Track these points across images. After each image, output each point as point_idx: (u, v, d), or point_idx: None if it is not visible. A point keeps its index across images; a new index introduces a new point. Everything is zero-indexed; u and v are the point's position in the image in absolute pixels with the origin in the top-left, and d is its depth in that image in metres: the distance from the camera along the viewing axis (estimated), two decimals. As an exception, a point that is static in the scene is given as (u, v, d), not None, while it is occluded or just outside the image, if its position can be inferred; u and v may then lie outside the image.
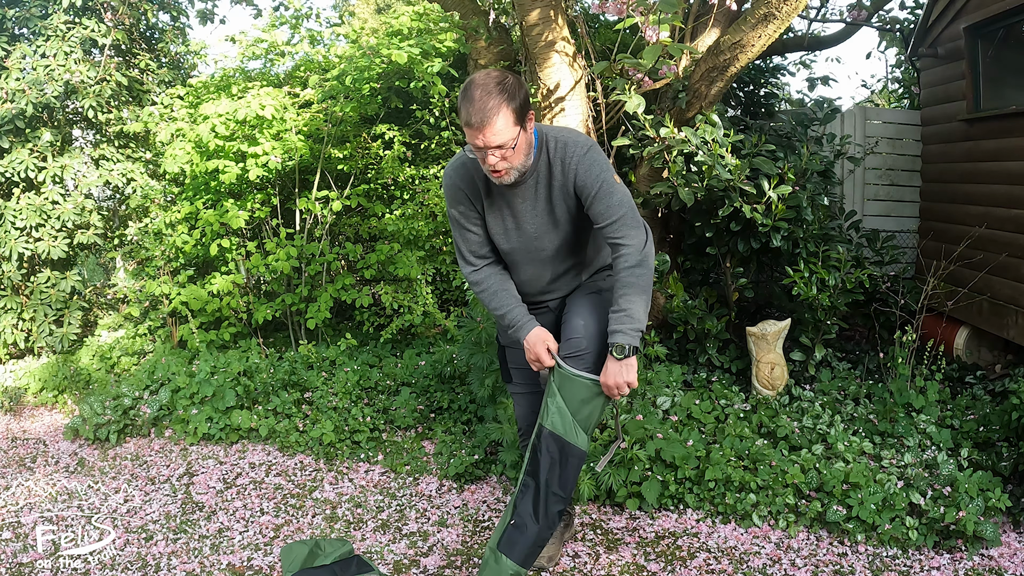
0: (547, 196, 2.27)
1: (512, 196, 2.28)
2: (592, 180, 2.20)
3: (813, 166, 3.90)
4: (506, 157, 2.11)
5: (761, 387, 3.78)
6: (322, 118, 4.47)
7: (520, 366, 2.54)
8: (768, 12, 3.26)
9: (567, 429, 2.26)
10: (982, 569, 2.58)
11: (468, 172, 2.29)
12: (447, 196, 2.36)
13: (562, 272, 2.43)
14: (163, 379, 4.14)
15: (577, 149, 2.23)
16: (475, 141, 2.07)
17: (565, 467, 2.27)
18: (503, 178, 2.16)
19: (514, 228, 2.32)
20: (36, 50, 4.87)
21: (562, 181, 2.24)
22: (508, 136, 2.06)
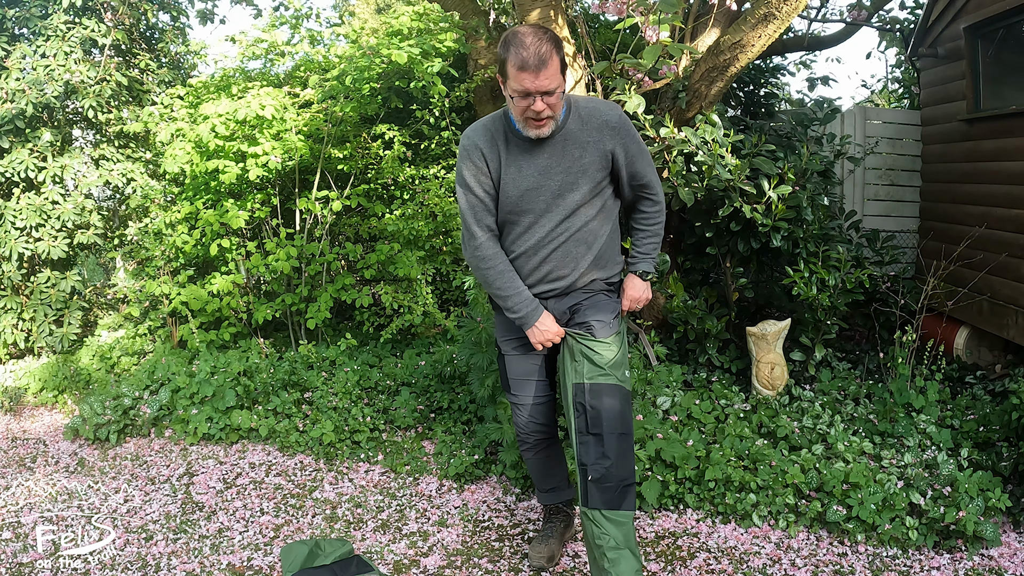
0: (576, 154, 2.27)
1: (537, 152, 2.26)
2: (632, 141, 2.32)
3: (813, 166, 3.90)
4: (551, 105, 2.12)
5: (761, 387, 3.78)
6: (322, 118, 4.47)
7: (521, 377, 2.53)
8: (768, 12, 3.26)
9: (605, 374, 2.28)
10: (982, 569, 2.58)
11: (489, 131, 2.29)
12: (461, 156, 2.32)
13: (572, 244, 2.34)
14: (163, 379, 4.14)
15: (612, 111, 2.31)
16: (527, 85, 2.07)
17: (617, 407, 2.25)
18: (543, 129, 2.16)
19: (533, 186, 2.28)
20: (36, 50, 4.87)
21: (596, 139, 2.27)
22: (558, 82, 2.10)
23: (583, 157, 2.27)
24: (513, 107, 2.18)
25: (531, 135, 2.19)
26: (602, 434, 2.22)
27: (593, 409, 2.24)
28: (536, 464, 2.68)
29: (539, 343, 2.37)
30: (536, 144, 2.26)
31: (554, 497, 2.75)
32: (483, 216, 2.33)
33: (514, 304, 2.34)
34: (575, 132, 2.27)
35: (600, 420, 2.23)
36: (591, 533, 2.23)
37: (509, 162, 2.28)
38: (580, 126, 2.28)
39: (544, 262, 2.37)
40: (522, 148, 2.27)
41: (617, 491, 2.20)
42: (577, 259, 2.37)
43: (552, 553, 2.65)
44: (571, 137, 2.27)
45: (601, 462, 2.20)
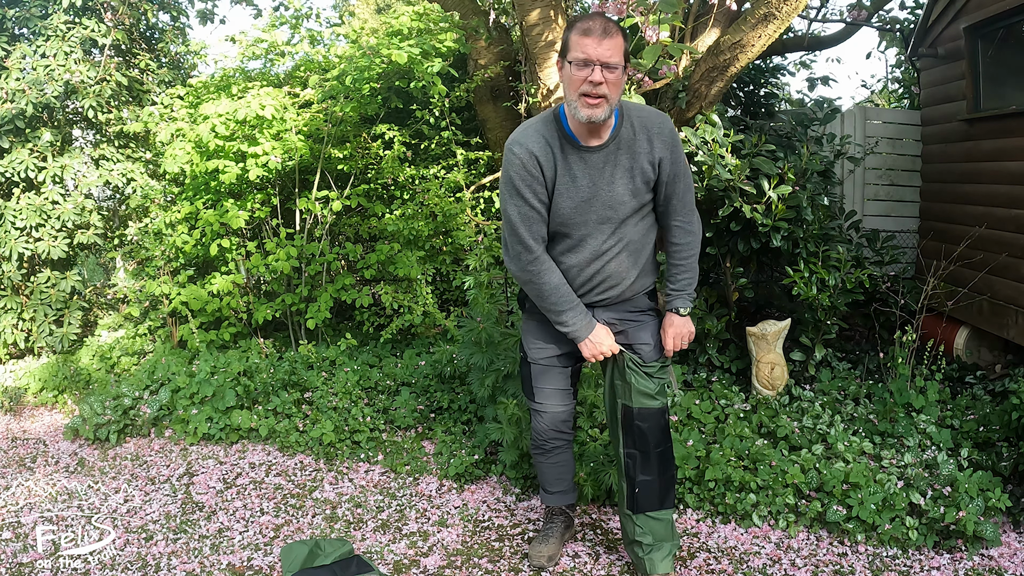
0: (628, 165, 2.22)
1: (591, 160, 2.20)
2: (678, 158, 2.27)
3: (813, 166, 3.90)
4: (610, 81, 2.06)
5: (761, 387, 3.78)
6: (322, 118, 4.47)
7: (548, 387, 2.52)
8: (768, 12, 3.26)
9: (652, 399, 2.39)
10: (982, 569, 2.58)
11: (543, 137, 2.20)
12: (512, 164, 2.19)
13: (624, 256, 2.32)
14: (163, 379, 4.14)
15: (665, 123, 2.25)
16: (588, 51, 2.03)
17: (660, 425, 2.41)
18: (596, 110, 2.08)
19: (588, 197, 2.21)
20: (36, 50, 4.87)
21: (647, 149, 2.22)
22: (620, 60, 2.06)
23: (634, 167, 2.22)
24: (569, 86, 2.10)
25: (583, 116, 2.08)
26: (648, 451, 2.42)
27: (641, 431, 2.41)
28: (548, 468, 2.68)
29: (593, 356, 2.36)
30: (589, 152, 2.19)
31: (559, 500, 2.75)
32: (538, 228, 2.25)
33: (569, 319, 2.30)
34: (627, 141, 2.22)
35: (647, 440, 2.41)
36: (631, 531, 2.48)
37: (563, 171, 2.20)
38: (632, 135, 2.22)
39: (596, 274, 2.33)
40: (576, 157, 2.20)
41: (659, 496, 2.43)
42: (627, 270, 2.35)
43: (552, 553, 2.65)
44: (623, 146, 2.21)
45: (646, 476, 2.42)
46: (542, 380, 2.52)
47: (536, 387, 2.54)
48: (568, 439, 2.65)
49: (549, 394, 2.53)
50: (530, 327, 2.51)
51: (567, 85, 2.12)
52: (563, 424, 2.59)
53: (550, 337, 2.46)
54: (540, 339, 2.48)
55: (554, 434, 2.59)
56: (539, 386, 2.53)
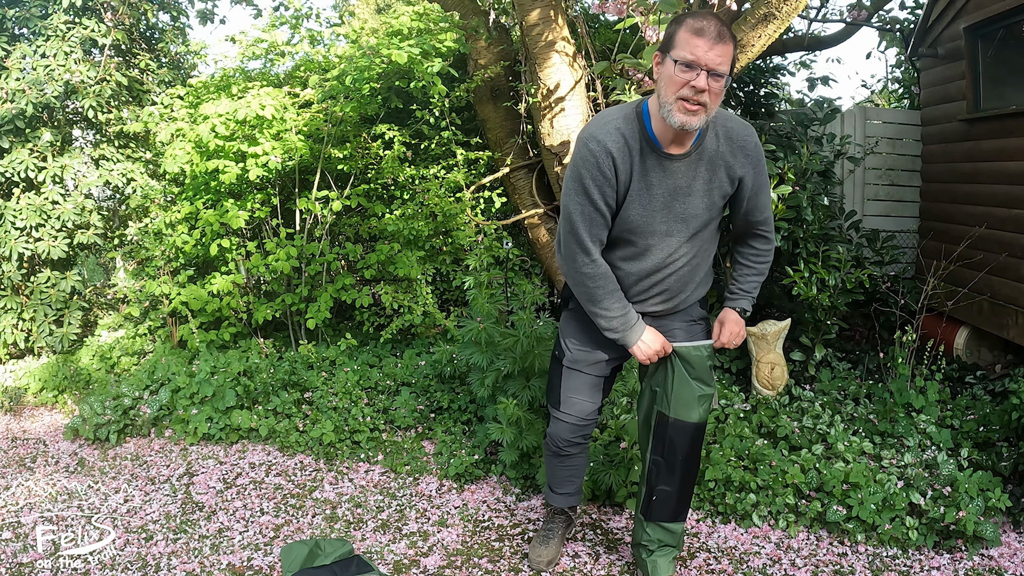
0: (708, 178, 2.10)
1: (671, 169, 2.07)
2: (761, 171, 2.17)
3: (813, 166, 3.90)
4: (713, 90, 1.91)
5: (761, 387, 3.78)
6: (322, 118, 4.47)
7: (579, 397, 2.41)
8: (768, 12, 3.26)
9: (690, 411, 2.29)
10: (982, 569, 2.58)
11: (623, 136, 2.03)
12: (587, 162, 2.04)
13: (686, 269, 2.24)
14: (163, 379, 4.14)
15: (749, 135, 2.13)
16: (698, 53, 1.87)
17: (692, 440, 2.32)
18: (693, 118, 1.93)
19: (660, 208, 2.09)
20: (36, 50, 4.86)
21: (730, 163, 2.11)
22: (728, 68, 1.93)
23: (713, 180, 2.10)
24: (667, 86, 1.94)
25: (676, 121, 1.93)
26: (675, 464, 2.33)
27: (671, 441, 2.32)
28: (561, 470, 2.62)
29: (648, 359, 2.26)
30: (671, 160, 2.06)
31: (564, 501, 2.69)
32: (599, 231, 2.12)
33: (619, 324, 2.20)
34: (711, 152, 2.09)
35: (675, 451, 2.32)
36: (639, 535, 2.46)
37: (639, 177, 2.06)
38: (717, 146, 2.10)
39: (655, 286, 2.24)
40: (655, 163, 2.06)
41: (674, 510, 2.38)
42: (686, 284, 2.27)
43: (553, 556, 2.64)
44: (706, 156, 2.09)
45: (667, 486, 2.36)
46: (573, 388, 2.40)
47: (564, 396, 2.42)
48: (586, 444, 2.57)
49: (577, 404, 2.42)
50: (572, 326, 2.40)
51: (665, 84, 1.95)
52: (583, 435, 2.50)
53: (593, 338, 2.35)
54: (582, 339, 2.37)
55: (569, 443, 2.50)
56: (568, 395, 2.41)
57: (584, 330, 2.37)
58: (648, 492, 2.38)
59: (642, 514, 2.44)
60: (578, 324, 2.38)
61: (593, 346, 2.37)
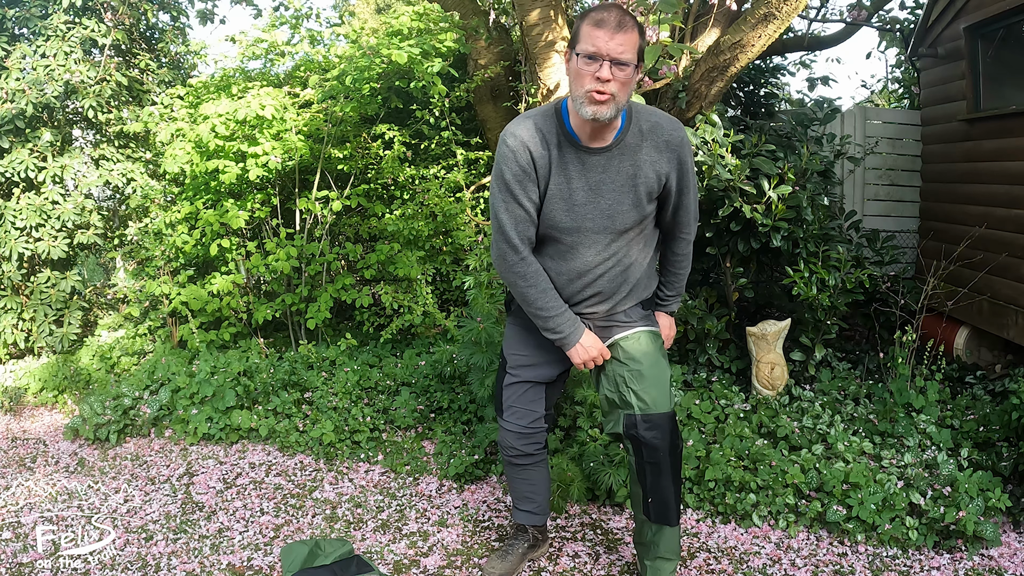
0: (632, 172, 2.08)
1: (591, 163, 2.06)
2: (688, 170, 2.15)
3: (813, 166, 3.90)
4: (618, 80, 1.91)
5: (761, 387, 3.78)
6: (322, 118, 4.47)
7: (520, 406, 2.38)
8: (768, 12, 3.26)
9: (657, 401, 2.21)
10: (982, 569, 2.58)
11: (539, 131, 2.05)
12: (505, 157, 2.05)
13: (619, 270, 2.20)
14: (163, 379, 4.14)
15: (676, 131, 2.10)
16: (599, 44, 1.89)
17: (668, 431, 2.23)
18: (602, 108, 1.93)
19: (582, 203, 2.08)
20: (36, 50, 4.87)
21: (654, 159, 2.09)
22: (632, 57, 1.93)
23: (637, 175, 2.08)
24: (576, 81, 1.96)
25: (587, 113, 1.94)
26: (659, 461, 2.24)
27: (649, 441, 2.23)
28: (517, 483, 2.57)
29: (584, 363, 2.22)
30: (589, 154, 2.06)
31: (527, 518, 2.62)
32: (525, 228, 2.11)
33: (556, 324, 2.16)
34: (633, 147, 2.07)
35: (657, 449, 2.23)
36: (643, 533, 2.38)
37: (558, 171, 2.06)
38: (639, 140, 2.08)
39: (588, 287, 2.20)
40: (574, 157, 2.06)
41: (672, 509, 2.29)
42: (619, 284, 2.22)
43: (507, 571, 2.54)
44: (628, 151, 2.07)
45: (659, 486, 2.27)
46: (515, 397, 2.39)
47: (507, 404, 2.40)
48: (540, 457, 2.50)
49: (518, 412, 2.39)
50: (513, 332, 2.39)
51: (573, 79, 1.98)
52: (530, 444, 2.44)
53: (534, 345, 2.33)
54: (523, 347, 2.36)
55: (522, 451, 2.45)
56: (511, 403, 2.40)
57: (525, 337, 2.35)
58: (644, 495, 2.31)
59: (644, 515, 2.35)
60: (519, 330, 2.37)
61: (534, 352, 2.35)
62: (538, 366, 2.37)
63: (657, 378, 2.23)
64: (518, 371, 2.38)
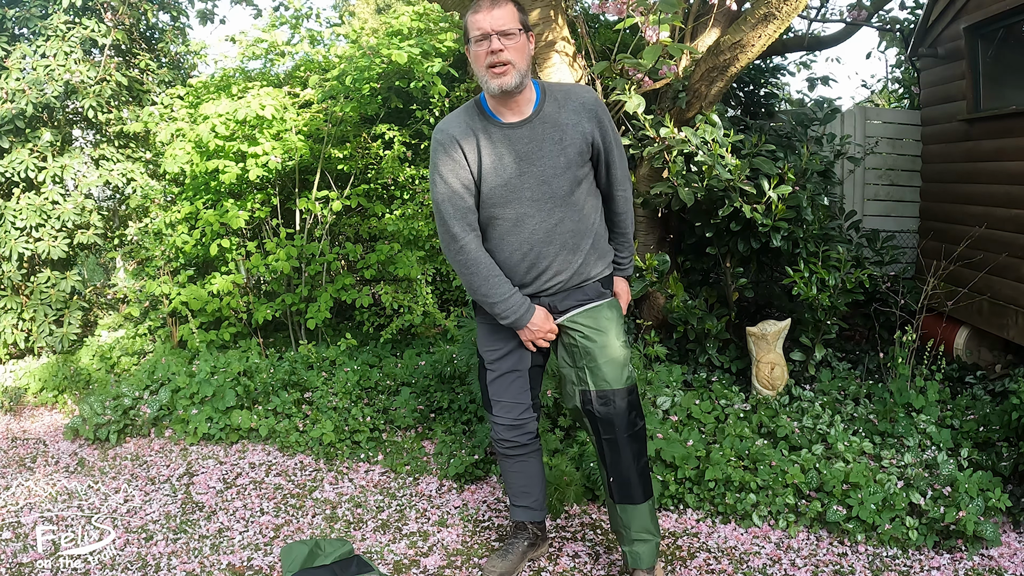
0: (558, 137, 2.19)
1: (516, 137, 2.18)
2: (608, 127, 2.26)
3: (813, 166, 3.90)
4: (510, 48, 2.08)
5: (761, 387, 3.78)
6: (322, 118, 4.47)
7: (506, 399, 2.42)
8: (768, 12, 3.26)
9: (611, 377, 2.26)
10: (982, 569, 2.58)
11: (463, 121, 2.20)
12: (435, 151, 2.20)
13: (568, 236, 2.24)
14: (163, 379, 4.14)
15: (588, 94, 2.25)
16: (481, 24, 2.09)
17: (626, 407, 2.28)
18: (504, 78, 2.09)
19: (516, 174, 2.18)
20: (36, 50, 4.87)
21: (575, 121, 2.20)
22: (515, 25, 2.10)
23: (564, 139, 2.19)
24: (476, 66, 2.14)
25: (493, 87, 2.10)
26: (616, 438, 2.29)
27: (604, 416, 2.28)
28: (511, 476, 2.58)
29: (531, 342, 2.29)
30: (514, 129, 2.18)
31: (524, 514, 2.63)
32: (464, 214, 2.20)
33: (503, 309, 2.22)
34: (552, 114, 2.20)
35: (613, 425, 2.28)
36: (616, 521, 2.41)
37: (488, 151, 2.18)
38: (557, 108, 2.21)
39: (540, 258, 2.24)
40: (500, 135, 2.18)
41: (635, 486, 2.32)
42: (572, 252, 2.26)
43: (507, 570, 2.54)
44: (549, 120, 2.19)
45: (618, 464, 2.32)
46: (498, 391, 2.43)
47: (493, 399, 2.45)
48: (533, 447, 2.52)
49: (505, 405, 2.43)
50: (483, 330, 2.43)
51: (475, 66, 2.15)
52: (522, 434, 2.46)
53: (504, 338, 2.37)
54: (494, 341, 2.40)
55: (514, 442, 2.47)
56: (496, 398, 2.44)
57: (494, 332, 2.39)
58: (604, 474, 2.37)
59: (609, 497, 2.40)
60: (486, 327, 2.41)
61: (505, 344, 2.38)
62: (513, 356, 2.40)
63: (612, 355, 2.27)
64: (496, 365, 2.42)
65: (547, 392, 3.50)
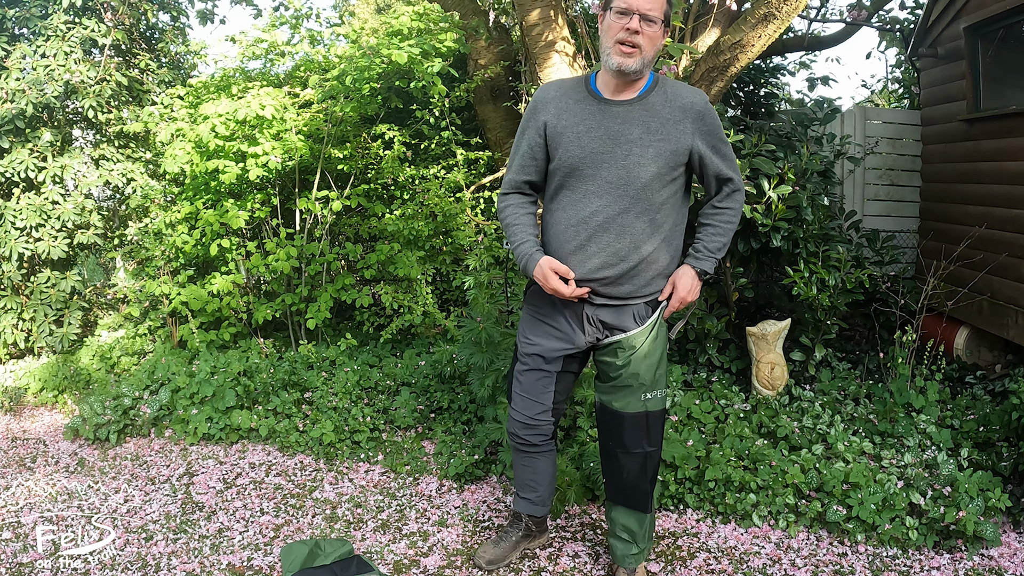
0: (653, 126, 2.14)
1: (611, 114, 2.15)
2: (716, 130, 2.20)
3: (813, 166, 3.90)
4: (646, 34, 2.08)
5: (761, 387, 3.78)
6: (322, 118, 4.47)
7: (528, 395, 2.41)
8: (768, 12, 3.26)
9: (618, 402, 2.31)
10: (982, 569, 2.58)
11: (563, 87, 2.24)
12: (529, 109, 2.26)
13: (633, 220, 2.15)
14: (163, 379, 4.14)
15: (698, 96, 2.20)
16: (631, 2, 2.06)
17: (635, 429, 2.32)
18: (629, 60, 2.08)
19: (599, 150, 2.13)
20: (36, 50, 4.86)
21: (678, 117, 2.15)
22: (659, 14, 2.10)
23: (660, 131, 2.13)
24: (606, 35, 2.12)
25: (614, 63, 2.08)
26: (608, 449, 2.37)
27: (604, 427, 2.36)
28: (520, 469, 2.61)
29: (543, 279, 2.20)
30: (610, 106, 2.15)
31: (525, 506, 2.66)
32: (524, 166, 2.27)
33: (516, 257, 2.27)
34: (656, 105, 2.15)
35: (608, 436, 2.37)
36: (607, 513, 2.48)
37: (576, 120, 2.16)
38: (663, 100, 2.16)
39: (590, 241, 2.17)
40: (596, 107, 2.16)
41: (630, 496, 2.38)
42: (630, 251, 2.17)
43: (496, 557, 2.61)
44: (651, 108, 2.15)
45: (616, 475, 2.38)
46: (523, 386, 2.42)
47: (515, 391, 2.44)
48: (546, 448, 2.52)
49: (523, 402, 2.43)
50: (525, 318, 2.42)
51: (605, 32, 2.13)
52: (535, 435, 2.47)
53: (542, 332, 2.35)
54: (532, 333, 2.38)
55: (527, 440, 2.49)
56: (518, 392, 2.43)
57: (534, 323, 2.38)
58: (604, 473, 2.46)
59: (606, 494, 2.49)
60: (529, 317, 2.41)
61: (543, 339, 2.36)
62: (547, 354, 2.36)
63: (638, 386, 2.27)
64: (528, 358, 2.40)
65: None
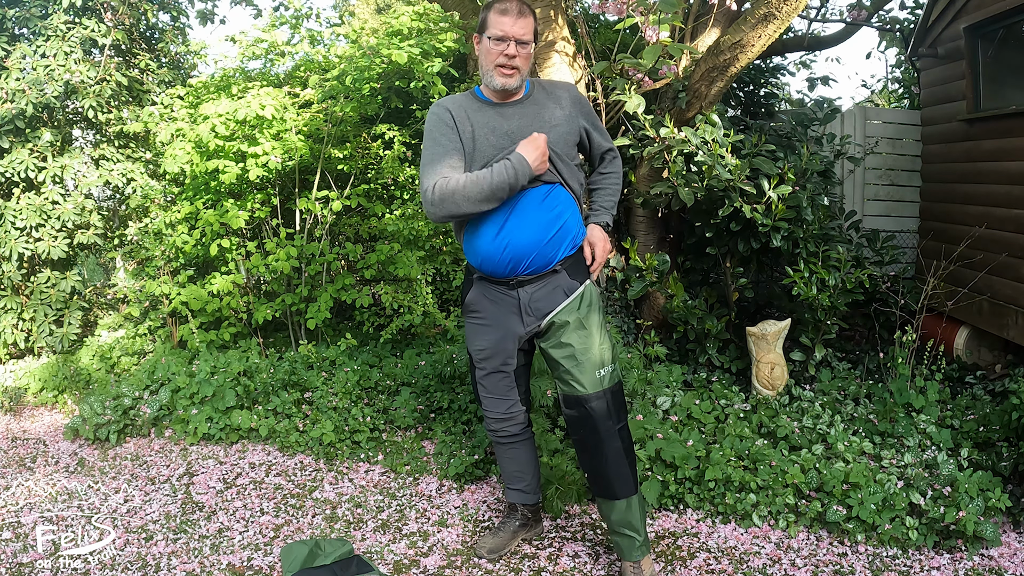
0: (545, 116, 2.37)
1: (508, 114, 2.36)
2: (589, 110, 2.50)
3: (813, 166, 3.90)
4: (521, 55, 2.29)
5: (761, 387, 3.78)
6: (322, 118, 4.47)
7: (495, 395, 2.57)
8: (768, 12, 3.26)
9: (587, 383, 2.36)
10: (982, 569, 2.58)
11: (457, 101, 2.40)
12: (429, 124, 2.36)
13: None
14: (163, 379, 4.14)
15: (570, 86, 2.50)
16: (505, 28, 2.26)
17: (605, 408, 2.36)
18: (510, 79, 2.30)
19: (509, 144, 2.32)
20: (36, 50, 4.86)
21: (562, 104, 2.41)
22: (531, 38, 2.32)
23: (552, 118, 2.37)
24: (485, 58, 2.31)
25: (497, 84, 2.30)
26: (584, 439, 2.41)
27: (583, 418, 2.39)
28: (505, 461, 2.74)
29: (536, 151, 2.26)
30: (506, 108, 2.36)
31: (517, 496, 2.78)
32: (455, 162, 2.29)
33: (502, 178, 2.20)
34: (541, 99, 2.41)
35: (577, 427, 2.42)
36: (602, 511, 2.50)
37: (480, 124, 2.34)
38: (545, 96, 2.42)
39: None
40: (493, 112, 2.36)
41: (610, 482, 2.40)
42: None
43: (494, 547, 2.70)
44: (538, 102, 2.40)
45: (595, 463, 2.42)
46: (487, 388, 2.59)
47: (482, 395, 2.62)
48: (524, 436, 2.68)
49: (490, 402, 2.60)
50: (470, 329, 2.56)
51: (483, 57, 2.33)
52: (512, 425, 2.63)
53: (486, 335, 2.50)
54: (479, 339, 2.53)
55: (503, 432, 2.64)
56: (483, 394, 2.61)
57: (475, 330, 2.53)
58: (582, 469, 2.52)
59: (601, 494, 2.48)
60: (473, 326, 2.54)
61: (492, 343, 2.50)
62: (498, 356, 2.51)
63: (588, 362, 2.36)
64: (484, 364, 2.56)
65: (547, 392, 3.50)
